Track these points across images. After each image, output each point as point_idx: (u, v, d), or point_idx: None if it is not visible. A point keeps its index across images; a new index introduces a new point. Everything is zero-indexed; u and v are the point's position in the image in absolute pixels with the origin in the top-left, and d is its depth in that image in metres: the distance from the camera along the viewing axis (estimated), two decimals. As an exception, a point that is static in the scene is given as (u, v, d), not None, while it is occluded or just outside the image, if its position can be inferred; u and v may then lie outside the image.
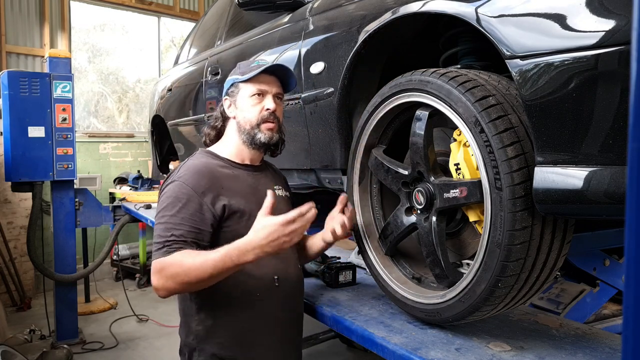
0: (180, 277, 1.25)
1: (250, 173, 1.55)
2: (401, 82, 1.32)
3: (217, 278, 1.27)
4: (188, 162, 1.49)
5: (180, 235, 1.32)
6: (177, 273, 1.25)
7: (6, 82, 3.51)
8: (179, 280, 1.26)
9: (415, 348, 1.22)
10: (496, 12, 1.07)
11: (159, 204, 1.41)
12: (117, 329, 4.15)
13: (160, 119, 3.97)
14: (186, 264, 1.25)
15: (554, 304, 2.11)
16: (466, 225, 1.38)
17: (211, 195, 1.40)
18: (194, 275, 1.24)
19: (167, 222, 1.35)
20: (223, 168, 1.50)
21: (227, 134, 1.59)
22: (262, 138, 1.50)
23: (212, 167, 1.48)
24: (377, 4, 1.53)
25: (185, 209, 1.36)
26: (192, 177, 1.41)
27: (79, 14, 6.07)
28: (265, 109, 1.50)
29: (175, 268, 1.26)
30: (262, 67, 1.50)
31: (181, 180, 1.41)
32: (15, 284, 4.72)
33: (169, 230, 1.33)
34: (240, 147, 1.55)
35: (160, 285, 1.27)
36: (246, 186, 1.51)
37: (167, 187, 1.43)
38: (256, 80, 1.51)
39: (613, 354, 1.23)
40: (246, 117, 1.51)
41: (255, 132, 1.51)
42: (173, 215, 1.35)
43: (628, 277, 0.46)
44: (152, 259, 1.33)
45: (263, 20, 2.43)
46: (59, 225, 3.84)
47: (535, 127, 1.00)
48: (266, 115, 1.50)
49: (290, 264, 1.53)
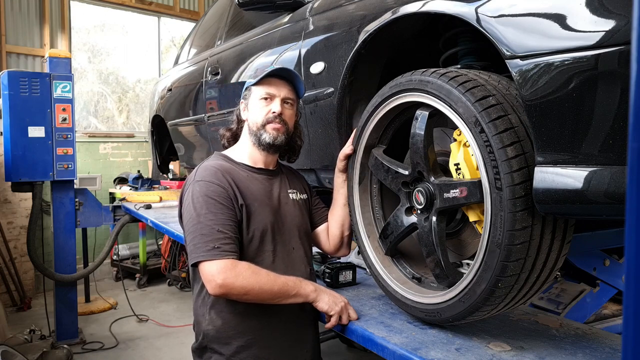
0: (250, 280, 1.32)
1: (264, 177, 1.58)
2: (401, 82, 1.32)
3: (276, 299, 1.37)
4: (204, 164, 1.53)
5: (228, 231, 1.37)
6: (250, 276, 1.32)
7: (6, 82, 3.51)
8: (248, 283, 1.32)
9: (415, 348, 1.22)
10: (496, 12, 1.07)
11: (189, 206, 1.42)
12: (117, 329, 4.15)
13: (160, 119, 3.97)
14: (260, 272, 1.35)
15: (554, 304, 2.11)
16: (466, 225, 1.38)
17: (233, 193, 1.44)
18: (264, 284, 1.33)
19: (209, 220, 1.37)
20: (238, 171, 1.53)
21: (242, 137, 1.63)
22: (267, 138, 1.53)
23: (227, 168, 1.51)
24: (377, 4, 1.53)
25: (222, 205, 1.40)
26: (214, 175, 1.45)
27: (79, 14, 6.07)
28: (272, 111, 1.53)
29: (250, 271, 1.33)
30: (268, 70, 1.54)
31: (205, 180, 1.44)
32: (15, 284, 4.72)
33: (214, 227, 1.36)
34: (252, 150, 1.59)
35: (229, 282, 1.31)
36: (261, 189, 1.53)
37: (190, 190, 1.45)
38: (266, 83, 1.55)
39: (613, 354, 1.23)
40: (254, 119, 1.56)
41: (261, 132, 1.54)
42: (211, 212, 1.38)
43: (628, 277, 0.46)
44: (199, 259, 1.34)
45: (263, 20, 2.43)
46: (59, 225, 3.84)
47: (535, 127, 1.00)
48: (271, 117, 1.53)
49: (299, 265, 1.54)
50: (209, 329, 1.46)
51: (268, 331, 1.46)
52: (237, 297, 1.35)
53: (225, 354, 1.44)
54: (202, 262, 1.34)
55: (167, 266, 5.40)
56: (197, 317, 1.52)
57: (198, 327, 1.50)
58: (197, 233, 1.36)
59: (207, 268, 1.33)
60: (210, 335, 1.46)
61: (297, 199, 1.63)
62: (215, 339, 1.45)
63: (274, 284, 1.34)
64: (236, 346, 1.44)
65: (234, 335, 1.44)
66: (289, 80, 1.58)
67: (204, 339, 1.47)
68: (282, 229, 1.52)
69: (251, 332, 1.44)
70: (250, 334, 1.44)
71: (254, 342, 1.44)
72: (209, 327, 1.46)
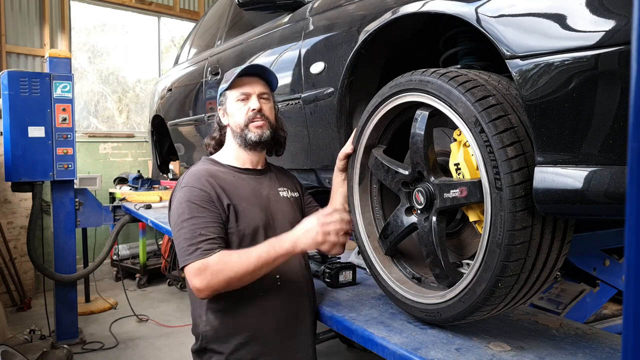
0: (224, 272, 1.29)
1: (252, 177, 1.59)
2: (401, 82, 1.32)
3: (260, 271, 1.31)
4: (191, 170, 1.55)
5: (210, 233, 1.36)
6: (222, 269, 1.30)
7: (6, 82, 3.51)
8: (223, 276, 1.29)
9: (415, 348, 1.22)
10: (496, 12, 1.07)
11: (174, 213, 1.44)
12: (117, 329, 4.15)
13: (160, 119, 3.97)
14: (230, 259, 1.31)
15: (554, 304, 2.11)
16: (466, 225, 1.38)
17: (217, 194, 1.45)
18: (239, 269, 1.29)
19: (191, 225, 1.37)
20: (225, 174, 1.54)
21: (226, 141, 1.65)
22: (253, 137, 1.55)
23: (213, 172, 1.53)
24: (377, 4, 1.53)
25: (204, 208, 1.40)
26: (198, 180, 1.46)
27: (79, 14, 6.07)
28: (251, 109, 1.55)
29: (219, 265, 1.30)
30: (237, 71, 1.55)
31: (189, 185, 1.46)
32: (15, 284, 4.72)
33: (196, 231, 1.36)
34: (238, 151, 1.60)
35: (205, 284, 1.30)
36: (249, 189, 1.54)
37: (176, 196, 1.47)
38: (239, 84, 1.57)
39: (613, 354, 1.23)
40: (236, 121, 1.57)
41: (246, 132, 1.55)
42: (194, 217, 1.38)
43: (628, 277, 0.46)
44: (184, 264, 1.34)
45: (263, 20, 2.43)
46: (59, 225, 3.84)
47: (535, 127, 1.00)
48: (252, 115, 1.55)
49: (293, 261, 1.54)
50: (206, 330, 1.46)
51: (266, 327, 1.47)
52: (225, 289, 1.33)
53: (225, 352, 1.44)
54: (185, 267, 1.35)
55: (167, 266, 5.40)
56: (194, 320, 1.53)
57: (196, 329, 1.51)
58: (182, 238, 1.37)
59: (187, 272, 1.35)
60: (208, 336, 1.46)
61: (288, 197, 1.64)
62: (214, 339, 1.46)
63: (248, 264, 1.30)
64: (235, 344, 1.44)
65: (232, 333, 1.45)
66: (259, 75, 1.60)
67: (203, 340, 1.47)
68: (274, 225, 1.53)
69: (249, 329, 1.45)
70: (248, 330, 1.45)
71: (253, 338, 1.45)
72: (207, 328, 1.46)
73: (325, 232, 1.32)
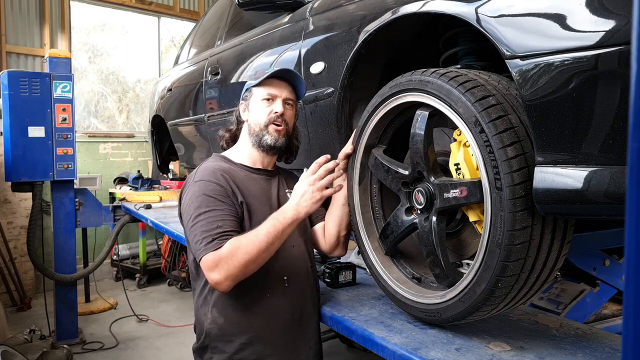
0: (238, 257, 1.30)
1: (262, 177, 1.60)
2: (401, 82, 1.32)
3: (272, 247, 1.33)
4: (203, 165, 1.55)
5: (226, 225, 1.37)
6: (234, 254, 1.30)
7: (6, 82, 3.51)
8: (238, 262, 1.30)
9: (415, 348, 1.22)
10: (496, 12, 1.07)
11: (189, 206, 1.43)
12: (117, 329, 4.15)
13: (160, 119, 3.97)
14: (240, 243, 1.31)
15: (554, 304, 2.11)
16: (466, 225, 1.38)
17: (232, 190, 1.46)
18: (252, 249, 1.30)
19: (208, 217, 1.37)
20: (237, 171, 1.55)
21: (241, 138, 1.65)
22: (269, 140, 1.55)
23: (226, 168, 1.53)
24: (377, 4, 1.53)
25: (220, 202, 1.41)
26: (213, 175, 1.47)
27: (79, 14, 6.07)
28: (274, 112, 1.55)
29: (231, 252, 1.30)
30: (270, 71, 1.55)
31: (204, 179, 1.46)
32: (15, 284, 4.72)
33: (213, 223, 1.36)
34: (251, 151, 1.61)
35: (223, 275, 1.31)
36: (260, 189, 1.56)
37: (190, 190, 1.46)
38: (267, 84, 1.57)
39: (613, 354, 1.23)
40: (256, 120, 1.57)
41: (263, 133, 1.56)
42: (211, 209, 1.39)
43: (628, 277, 0.46)
44: (201, 255, 1.33)
45: (263, 20, 2.43)
46: (59, 225, 3.84)
47: (535, 127, 1.00)
48: (274, 117, 1.55)
49: (299, 263, 1.54)
50: (211, 328, 1.46)
51: (271, 327, 1.46)
52: (244, 275, 1.34)
53: (228, 352, 1.44)
54: (202, 258, 1.34)
55: (167, 266, 5.40)
56: (198, 317, 1.52)
57: (200, 326, 1.50)
58: (198, 230, 1.36)
59: (203, 267, 1.34)
60: (212, 334, 1.46)
61: None
62: (218, 338, 1.45)
63: (259, 243, 1.31)
64: (239, 343, 1.44)
65: (236, 332, 1.44)
66: (289, 81, 1.60)
67: (206, 338, 1.47)
68: None
69: (254, 329, 1.45)
70: (252, 330, 1.44)
71: (257, 339, 1.45)
72: (212, 325, 1.46)
73: (319, 188, 1.38)
